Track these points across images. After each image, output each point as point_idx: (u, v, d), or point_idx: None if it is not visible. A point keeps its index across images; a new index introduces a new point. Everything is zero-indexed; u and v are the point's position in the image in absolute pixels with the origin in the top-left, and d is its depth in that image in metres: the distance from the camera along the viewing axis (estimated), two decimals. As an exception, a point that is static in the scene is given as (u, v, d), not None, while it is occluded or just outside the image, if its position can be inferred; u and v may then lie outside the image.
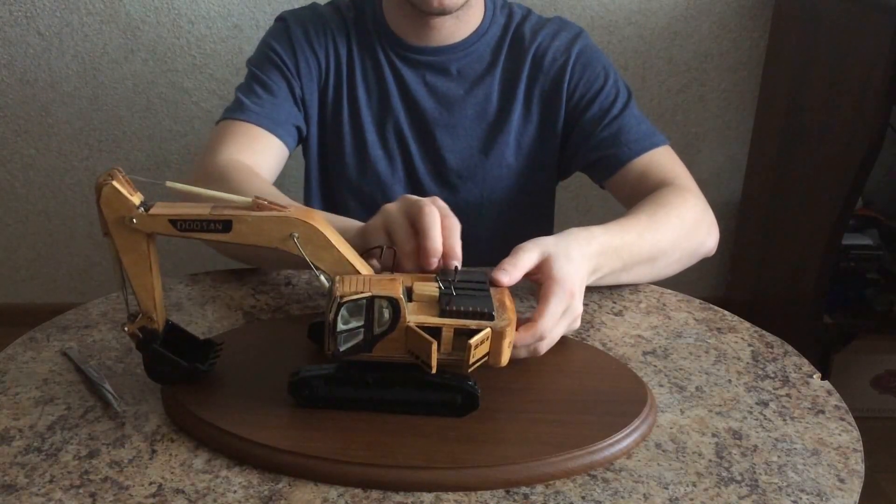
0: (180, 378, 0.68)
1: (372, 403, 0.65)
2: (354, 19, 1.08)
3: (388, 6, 1.06)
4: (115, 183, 0.61)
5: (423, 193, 1.08)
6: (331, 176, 1.10)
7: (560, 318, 0.71)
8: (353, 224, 0.80)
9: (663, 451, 0.64)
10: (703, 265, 0.94)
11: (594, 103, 1.05)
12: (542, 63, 1.06)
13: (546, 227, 1.18)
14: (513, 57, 1.07)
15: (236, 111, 1.01)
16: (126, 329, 0.66)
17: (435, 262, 0.69)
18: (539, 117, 1.07)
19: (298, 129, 1.06)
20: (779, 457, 0.63)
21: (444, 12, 1.00)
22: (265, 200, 0.63)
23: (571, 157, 1.08)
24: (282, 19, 1.08)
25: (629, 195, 1.01)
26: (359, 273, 0.65)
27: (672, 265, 0.90)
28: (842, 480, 0.61)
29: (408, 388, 0.65)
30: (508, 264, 0.71)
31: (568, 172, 1.13)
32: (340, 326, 0.61)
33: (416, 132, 1.08)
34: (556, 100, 1.06)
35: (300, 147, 1.12)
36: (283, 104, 1.03)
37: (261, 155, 0.99)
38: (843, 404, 0.71)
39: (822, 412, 0.69)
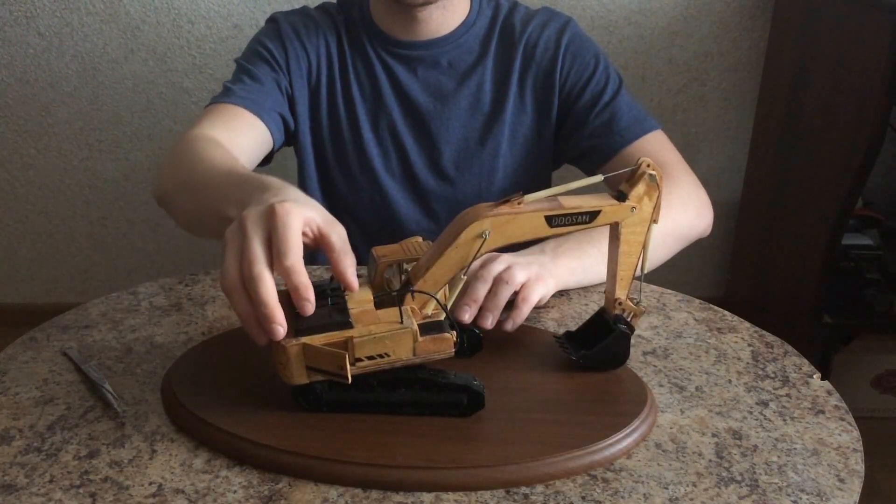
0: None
1: (378, 406, 0.65)
2: (344, 21, 1.09)
3: (375, 4, 1.07)
4: None
5: (421, 188, 1.09)
6: (332, 175, 1.11)
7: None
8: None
9: (663, 451, 0.64)
10: (703, 265, 0.94)
11: (586, 91, 1.06)
12: (534, 54, 1.07)
13: None
14: (503, 48, 1.08)
15: (221, 96, 1.03)
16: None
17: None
18: (533, 108, 1.08)
19: (284, 119, 1.06)
20: (779, 457, 0.63)
21: (428, 1, 1.01)
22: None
23: (564, 145, 1.09)
24: (273, 20, 1.09)
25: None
26: None
27: (659, 251, 0.91)
28: (842, 480, 0.61)
29: (413, 390, 0.65)
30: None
31: (559, 162, 1.13)
32: None
33: (411, 127, 1.08)
34: (549, 90, 1.07)
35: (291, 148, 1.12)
36: (269, 92, 1.04)
37: (237, 133, 0.99)
38: (843, 404, 0.70)
39: (822, 412, 0.69)
